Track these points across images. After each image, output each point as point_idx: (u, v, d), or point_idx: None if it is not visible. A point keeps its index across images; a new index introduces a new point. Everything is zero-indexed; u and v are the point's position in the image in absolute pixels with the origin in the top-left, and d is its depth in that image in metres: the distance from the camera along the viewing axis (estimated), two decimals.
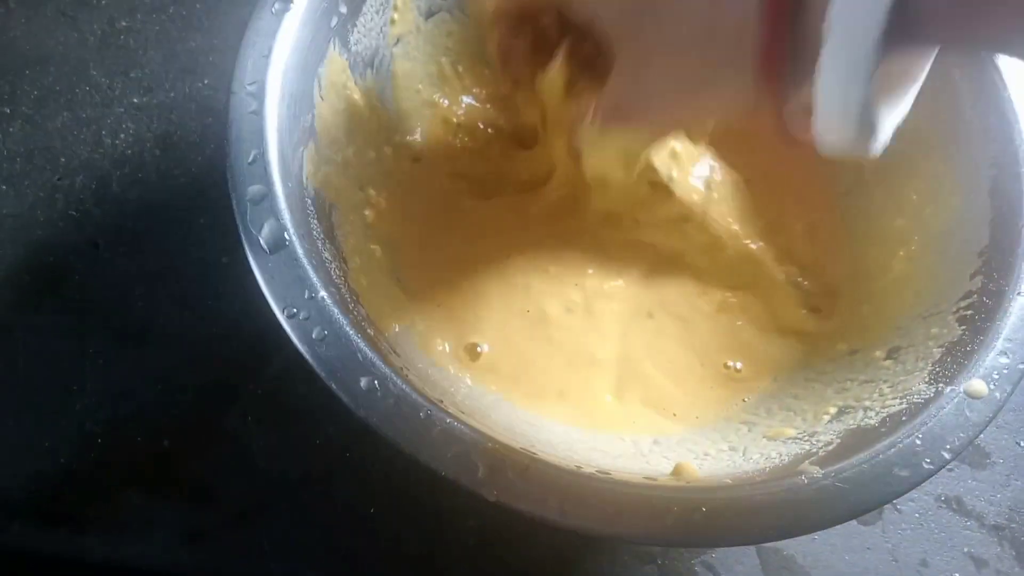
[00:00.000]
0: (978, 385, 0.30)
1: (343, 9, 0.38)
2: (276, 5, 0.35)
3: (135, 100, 0.48)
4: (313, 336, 0.29)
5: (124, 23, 0.50)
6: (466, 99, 0.46)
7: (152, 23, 0.51)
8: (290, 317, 0.29)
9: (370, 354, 0.29)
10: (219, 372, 0.42)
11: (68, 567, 0.38)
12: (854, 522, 0.41)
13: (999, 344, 0.31)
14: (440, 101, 0.46)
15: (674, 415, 0.40)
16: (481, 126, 0.46)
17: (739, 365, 0.41)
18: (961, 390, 0.30)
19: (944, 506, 0.41)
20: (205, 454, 0.40)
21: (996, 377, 0.31)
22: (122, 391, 0.41)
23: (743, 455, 0.34)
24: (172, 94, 0.49)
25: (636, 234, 0.43)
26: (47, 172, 0.46)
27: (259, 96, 0.33)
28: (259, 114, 0.32)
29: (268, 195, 0.31)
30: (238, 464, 0.40)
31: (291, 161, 0.34)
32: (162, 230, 0.45)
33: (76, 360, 0.42)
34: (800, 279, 0.43)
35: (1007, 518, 0.41)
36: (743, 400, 0.40)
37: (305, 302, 0.29)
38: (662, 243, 0.43)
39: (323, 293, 0.30)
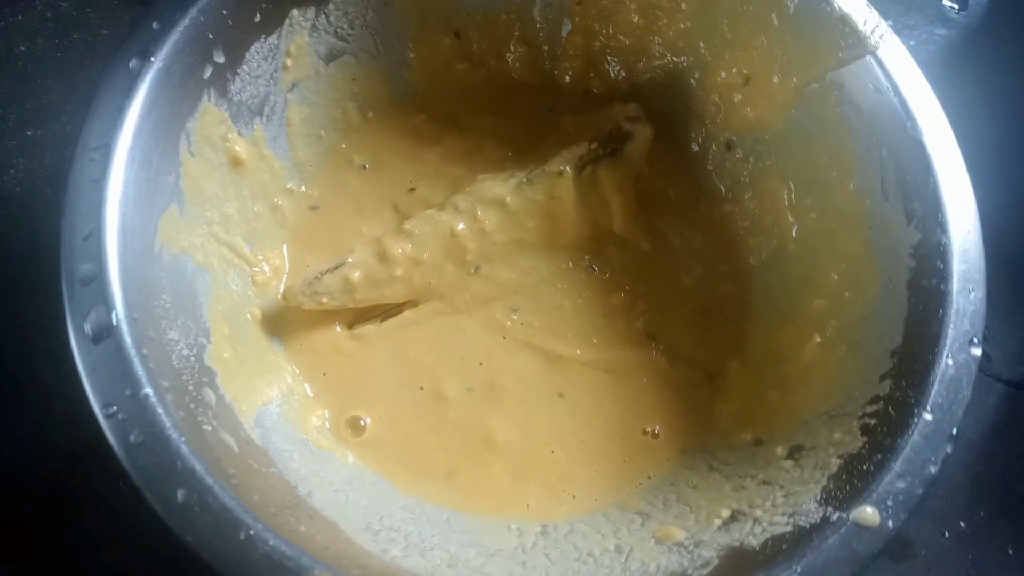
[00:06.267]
0: (870, 512, 0.28)
1: (219, 59, 0.35)
2: (133, 60, 0.32)
3: (28, 132, 0.46)
4: (131, 439, 0.26)
5: (23, 48, 0.47)
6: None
7: (54, 49, 0.48)
8: (108, 417, 0.27)
9: (192, 462, 0.26)
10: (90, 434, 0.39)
11: None
12: None
13: (897, 466, 0.28)
14: (345, 147, 0.43)
15: (573, 497, 0.38)
16: None
17: (657, 429, 0.39)
18: (850, 518, 0.28)
19: None
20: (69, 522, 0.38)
21: (890, 504, 0.28)
22: None
23: (624, 560, 0.32)
24: (68, 127, 0.46)
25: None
26: None
27: (103, 161, 0.30)
28: (100, 183, 0.30)
29: (99, 276, 0.28)
30: (106, 533, 0.38)
31: (140, 231, 0.31)
32: (47, 277, 0.42)
33: None
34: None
35: None
36: (647, 478, 0.38)
37: (126, 400, 0.27)
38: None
39: (147, 390, 0.27)
